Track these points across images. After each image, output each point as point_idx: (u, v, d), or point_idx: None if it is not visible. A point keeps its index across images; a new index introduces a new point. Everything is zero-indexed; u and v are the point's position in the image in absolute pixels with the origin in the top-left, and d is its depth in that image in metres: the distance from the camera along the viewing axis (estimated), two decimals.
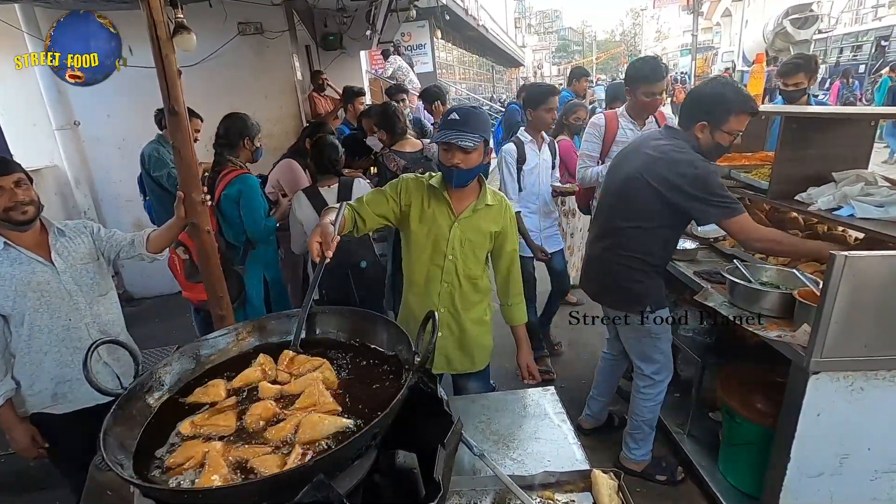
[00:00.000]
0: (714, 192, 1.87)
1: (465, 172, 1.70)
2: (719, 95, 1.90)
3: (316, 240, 1.35)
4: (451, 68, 18.18)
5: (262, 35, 4.84)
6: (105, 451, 0.85)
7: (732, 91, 1.89)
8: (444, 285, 1.85)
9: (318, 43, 6.51)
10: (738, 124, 1.89)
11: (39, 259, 1.74)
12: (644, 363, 2.30)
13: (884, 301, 1.58)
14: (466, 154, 1.67)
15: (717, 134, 1.92)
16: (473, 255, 1.83)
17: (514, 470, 1.32)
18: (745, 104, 1.88)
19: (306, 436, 0.90)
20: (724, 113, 1.88)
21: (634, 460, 2.42)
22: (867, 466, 1.80)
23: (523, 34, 44.35)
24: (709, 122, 1.92)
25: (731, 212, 1.87)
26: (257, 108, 4.78)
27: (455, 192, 1.78)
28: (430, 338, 0.99)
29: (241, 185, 2.62)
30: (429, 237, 1.79)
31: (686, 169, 1.90)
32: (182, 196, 1.93)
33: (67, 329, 1.78)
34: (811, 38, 16.82)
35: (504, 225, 1.85)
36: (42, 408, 1.81)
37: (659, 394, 2.31)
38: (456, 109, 1.71)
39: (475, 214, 1.80)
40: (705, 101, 1.94)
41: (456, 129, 1.65)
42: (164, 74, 1.81)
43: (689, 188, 1.89)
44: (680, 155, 1.94)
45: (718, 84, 1.97)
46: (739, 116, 1.88)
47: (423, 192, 1.79)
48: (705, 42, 33.52)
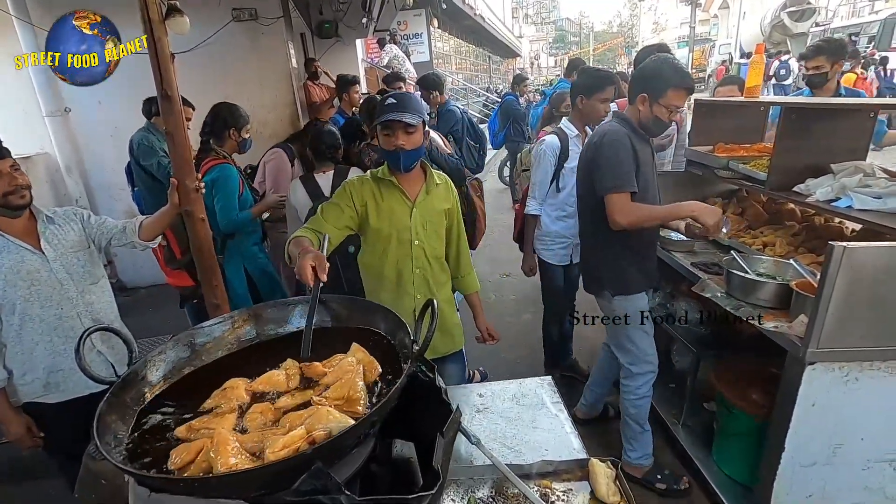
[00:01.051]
0: (610, 163, 1.98)
1: (410, 154, 1.72)
2: (658, 70, 1.98)
3: (309, 263, 1.27)
4: (447, 58, 18.04)
5: (257, 21, 4.76)
6: (98, 439, 0.84)
7: (671, 67, 1.97)
8: (416, 272, 1.88)
9: (313, 30, 6.43)
10: (675, 99, 1.95)
11: (28, 247, 1.71)
12: (618, 352, 2.33)
13: (881, 292, 1.58)
14: (409, 135, 1.69)
15: (655, 107, 1.98)
16: (436, 235, 1.88)
17: (512, 459, 1.32)
18: (682, 80, 1.95)
19: (310, 427, 0.87)
20: (662, 86, 1.95)
21: (630, 463, 2.35)
22: (860, 456, 1.81)
23: (520, 24, 44.04)
24: (648, 95, 1.99)
25: (615, 188, 1.97)
26: (251, 95, 4.73)
27: (404, 179, 1.81)
28: (430, 326, 0.98)
29: (217, 175, 2.57)
30: (391, 229, 1.81)
31: (597, 138, 2.06)
32: (176, 183, 1.90)
33: (59, 318, 1.75)
34: (808, 30, 16.78)
35: (452, 202, 1.92)
36: (34, 397, 1.79)
37: (638, 388, 2.26)
38: (391, 94, 1.74)
39: (430, 195, 1.84)
40: (646, 75, 2.02)
41: (396, 109, 1.67)
42: (157, 58, 1.78)
43: (593, 153, 2.04)
44: (600, 127, 2.13)
45: (658, 60, 2.04)
46: (678, 91, 1.94)
47: (373, 187, 1.80)
48: (702, 34, 33.39)
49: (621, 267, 2.17)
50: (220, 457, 0.81)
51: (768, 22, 17.62)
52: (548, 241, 2.89)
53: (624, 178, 1.96)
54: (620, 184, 1.96)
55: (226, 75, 4.74)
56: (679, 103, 1.97)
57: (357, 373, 1.00)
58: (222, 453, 0.82)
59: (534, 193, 2.82)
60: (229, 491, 0.78)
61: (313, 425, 0.87)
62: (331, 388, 0.98)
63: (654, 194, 2.15)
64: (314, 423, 0.87)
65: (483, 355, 3.60)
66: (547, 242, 2.89)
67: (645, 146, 2.10)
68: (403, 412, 1.03)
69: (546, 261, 2.93)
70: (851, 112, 2.21)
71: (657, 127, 2.05)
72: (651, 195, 2.11)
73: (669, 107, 1.97)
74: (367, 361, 1.05)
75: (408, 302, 1.89)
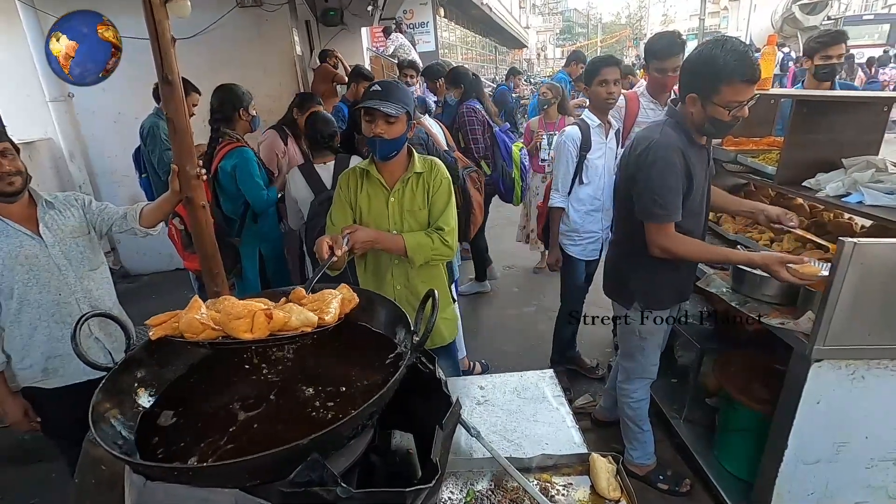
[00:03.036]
0: (655, 189, 1.72)
1: (388, 143, 1.70)
2: (709, 60, 1.59)
3: (326, 241, 1.47)
4: (453, 48, 17.89)
5: (261, 8, 4.71)
6: (94, 427, 0.83)
7: (725, 54, 1.56)
8: (395, 261, 1.86)
9: (318, 18, 6.36)
10: (733, 94, 1.58)
11: (27, 232, 1.70)
12: (625, 359, 2.24)
13: (890, 289, 1.55)
14: (389, 124, 1.67)
15: (709, 107, 1.64)
16: (416, 223, 1.83)
17: (512, 452, 1.31)
18: (739, 69, 1.54)
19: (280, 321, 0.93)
20: (713, 81, 1.59)
21: (632, 462, 2.33)
22: (864, 454, 1.80)
23: (528, 15, 43.53)
24: (699, 94, 1.65)
25: (656, 217, 1.75)
26: (255, 82, 4.67)
27: (385, 168, 1.80)
28: (430, 317, 0.97)
29: (237, 159, 2.58)
30: (370, 216, 1.81)
31: (643, 149, 1.77)
32: (176, 169, 1.88)
33: (57, 304, 1.75)
34: (820, 24, 16.53)
35: (438, 187, 1.82)
36: (33, 382, 1.80)
37: (635, 391, 2.23)
38: (378, 82, 1.72)
39: (407, 185, 1.81)
40: (695, 69, 1.66)
41: (378, 97, 1.65)
42: (158, 41, 1.75)
43: (636, 169, 1.79)
44: (649, 132, 1.81)
45: (711, 45, 1.62)
46: (734, 85, 1.56)
47: (357, 179, 1.83)
48: (712, 26, 32.97)
49: (656, 282, 2.00)
50: (188, 312, 0.92)
51: (779, 15, 17.35)
52: (575, 237, 2.78)
53: (669, 209, 1.73)
54: (664, 214, 1.73)
55: (230, 62, 4.70)
56: (740, 98, 1.59)
57: (335, 296, 1.04)
58: (191, 310, 0.92)
59: (557, 186, 2.74)
60: (224, 480, 0.77)
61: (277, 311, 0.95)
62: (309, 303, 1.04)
63: (703, 211, 1.93)
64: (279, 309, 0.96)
65: (485, 347, 3.60)
66: (574, 238, 2.79)
67: (701, 153, 1.83)
68: (403, 403, 1.02)
69: (572, 256, 2.83)
70: (864, 106, 2.16)
71: (718, 129, 1.72)
72: (699, 216, 1.91)
73: (729, 105, 1.60)
74: (349, 297, 1.08)
75: (388, 293, 1.87)
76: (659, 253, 1.81)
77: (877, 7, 19.41)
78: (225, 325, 0.92)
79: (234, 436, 0.92)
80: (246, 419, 0.97)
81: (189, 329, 0.92)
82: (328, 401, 0.99)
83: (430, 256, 1.78)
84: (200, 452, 0.88)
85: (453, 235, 1.82)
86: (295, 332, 0.95)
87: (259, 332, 0.92)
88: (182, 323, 0.93)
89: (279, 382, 1.06)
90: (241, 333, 0.91)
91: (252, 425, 0.95)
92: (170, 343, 1.09)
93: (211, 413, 0.99)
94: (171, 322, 0.95)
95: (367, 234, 1.68)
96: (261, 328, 0.92)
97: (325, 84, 5.24)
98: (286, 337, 0.95)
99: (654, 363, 2.20)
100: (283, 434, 0.91)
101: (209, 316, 0.94)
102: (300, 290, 1.10)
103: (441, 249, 1.78)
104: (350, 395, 1.00)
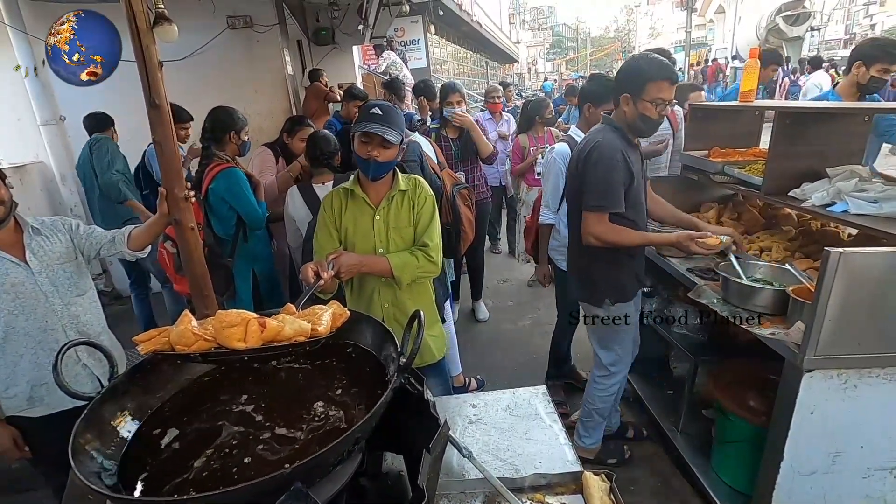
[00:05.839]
0: (601, 183, 1.95)
1: (382, 165, 1.73)
2: (635, 67, 1.97)
3: (311, 266, 1.50)
4: (445, 64, 18.08)
5: (252, 29, 4.78)
6: (73, 459, 0.82)
7: (647, 61, 1.95)
8: (382, 279, 1.85)
9: (309, 37, 6.44)
10: (657, 91, 1.89)
11: (13, 259, 1.68)
12: (602, 351, 2.34)
13: (878, 298, 1.56)
14: (386, 148, 1.70)
15: (639, 104, 1.94)
16: (402, 240, 1.84)
17: (504, 472, 1.29)
18: (661, 71, 1.90)
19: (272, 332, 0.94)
20: (640, 82, 1.91)
21: (585, 448, 2.47)
22: (860, 464, 1.79)
23: (517, 30, 44.19)
24: (630, 94, 1.95)
25: (598, 208, 1.97)
26: (247, 103, 4.73)
27: (371, 186, 1.82)
28: (416, 337, 0.96)
29: (227, 180, 2.57)
30: (356, 235, 1.82)
31: (588, 150, 2.00)
32: (164, 192, 1.88)
33: (44, 331, 1.72)
34: (804, 34, 16.89)
35: (422, 205, 1.84)
36: (18, 411, 1.76)
37: (613, 385, 2.37)
38: (377, 105, 1.73)
39: (392, 202, 1.82)
40: (624, 75, 2.00)
41: (379, 122, 1.67)
42: (145, 66, 1.76)
43: (584, 167, 2.01)
44: (591, 135, 2.06)
45: (634, 57, 2.04)
46: (658, 83, 1.89)
47: (342, 200, 1.83)
48: (699, 39, 33.61)
49: (618, 275, 2.18)
50: (179, 324, 0.93)
51: (764, 26, 17.74)
52: (565, 251, 2.78)
53: (609, 200, 1.96)
54: (604, 205, 1.97)
55: (221, 83, 4.73)
56: (664, 96, 1.91)
57: (325, 311, 1.05)
58: (182, 323, 0.93)
59: (547, 202, 2.76)
60: None
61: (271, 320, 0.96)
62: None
63: (643, 202, 2.15)
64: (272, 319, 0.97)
65: (480, 362, 3.58)
66: (565, 252, 2.77)
67: (635, 153, 2.08)
68: (394, 424, 1.00)
69: (565, 270, 2.81)
70: (846, 116, 2.20)
71: (647, 126, 1.99)
72: (641, 206, 2.12)
73: (654, 101, 1.91)
74: (340, 312, 1.08)
75: (376, 312, 1.87)
76: (592, 241, 2.02)
77: (859, 18, 19.85)
78: (218, 333, 0.91)
79: (218, 465, 0.90)
80: (231, 446, 0.95)
81: (181, 341, 0.91)
82: (311, 425, 0.98)
83: (416, 275, 1.80)
84: (183, 483, 0.87)
85: (438, 251, 1.83)
86: (288, 342, 0.94)
87: (252, 342, 0.92)
88: (173, 335, 0.93)
89: (264, 407, 1.05)
90: (235, 342, 0.90)
91: (236, 452, 0.93)
92: (154, 370, 1.09)
93: (194, 440, 0.97)
94: (160, 337, 0.95)
95: (352, 258, 1.68)
96: (254, 337, 0.92)
97: (317, 101, 5.28)
98: (279, 346, 0.94)
99: (629, 350, 2.36)
100: (268, 462, 0.90)
101: (202, 327, 0.94)
102: (291, 306, 1.09)
103: (426, 266, 1.80)
104: (336, 419, 0.99)
